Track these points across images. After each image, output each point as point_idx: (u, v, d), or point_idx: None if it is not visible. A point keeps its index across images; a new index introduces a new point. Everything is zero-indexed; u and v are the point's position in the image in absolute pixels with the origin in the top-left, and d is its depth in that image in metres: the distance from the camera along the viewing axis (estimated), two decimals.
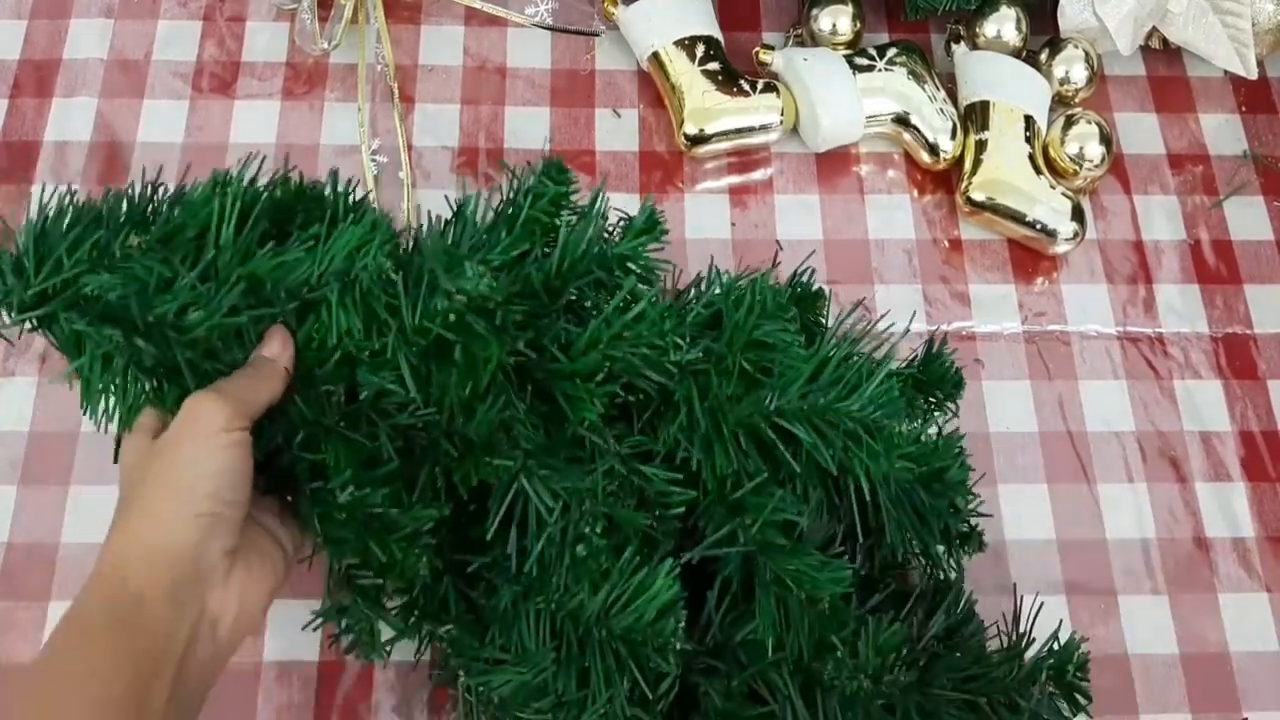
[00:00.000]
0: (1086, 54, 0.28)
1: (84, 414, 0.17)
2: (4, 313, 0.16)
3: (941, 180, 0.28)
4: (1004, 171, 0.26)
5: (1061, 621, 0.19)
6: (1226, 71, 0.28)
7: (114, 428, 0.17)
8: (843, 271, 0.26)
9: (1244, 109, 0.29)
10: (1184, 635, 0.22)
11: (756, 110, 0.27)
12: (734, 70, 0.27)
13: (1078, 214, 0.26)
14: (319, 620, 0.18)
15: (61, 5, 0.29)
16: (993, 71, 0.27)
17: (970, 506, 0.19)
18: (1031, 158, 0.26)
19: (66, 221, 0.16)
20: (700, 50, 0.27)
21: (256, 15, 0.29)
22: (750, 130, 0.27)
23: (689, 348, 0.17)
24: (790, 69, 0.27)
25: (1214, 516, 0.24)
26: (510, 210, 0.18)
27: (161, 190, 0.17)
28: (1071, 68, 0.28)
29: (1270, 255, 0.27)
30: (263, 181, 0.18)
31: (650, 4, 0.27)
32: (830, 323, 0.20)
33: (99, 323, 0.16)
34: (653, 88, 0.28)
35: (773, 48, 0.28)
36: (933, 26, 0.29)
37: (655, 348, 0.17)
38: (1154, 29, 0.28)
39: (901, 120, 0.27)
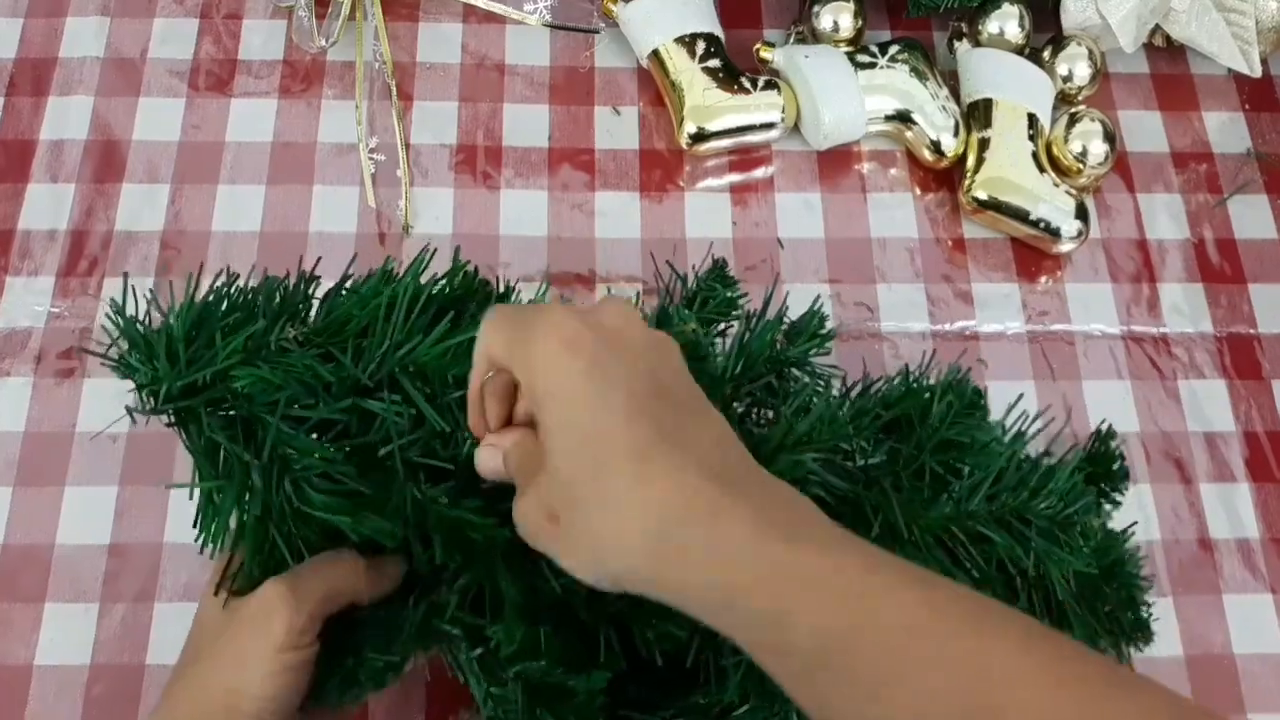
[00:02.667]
0: (1090, 52, 0.28)
1: (199, 539, 0.15)
2: (145, 399, 0.15)
3: (944, 178, 0.28)
4: (1007, 170, 0.26)
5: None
6: (1230, 69, 0.28)
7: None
8: (844, 271, 0.26)
9: (1248, 107, 0.29)
10: (1188, 637, 0.22)
11: (757, 108, 0.27)
12: (735, 68, 0.27)
13: (1081, 213, 0.26)
14: None
15: (57, 3, 0.29)
16: (995, 69, 0.27)
17: (1145, 599, 0.19)
18: (1035, 156, 0.26)
19: (224, 306, 0.15)
20: (701, 47, 0.27)
21: (253, 13, 0.29)
22: (751, 128, 0.27)
23: (874, 450, 0.17)
24: (791, 66, 0.27)
25: (1218, 518, 0.24)
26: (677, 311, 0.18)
27: (315, 282, 0.16)
28: (1074, 65, 0.28)
29: (1275, 254, 0.27)
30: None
31: (650, 2, 0.27)
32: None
33: (240, 438, 0.14)
34: (653, 85, 0.28)
35: (774, 45, 0.28)
36: (935, 24, 0.30)
37: (839, 450, 0.16)
38: (1157, 27, 0.28)
39: (903, 118, 0.27)
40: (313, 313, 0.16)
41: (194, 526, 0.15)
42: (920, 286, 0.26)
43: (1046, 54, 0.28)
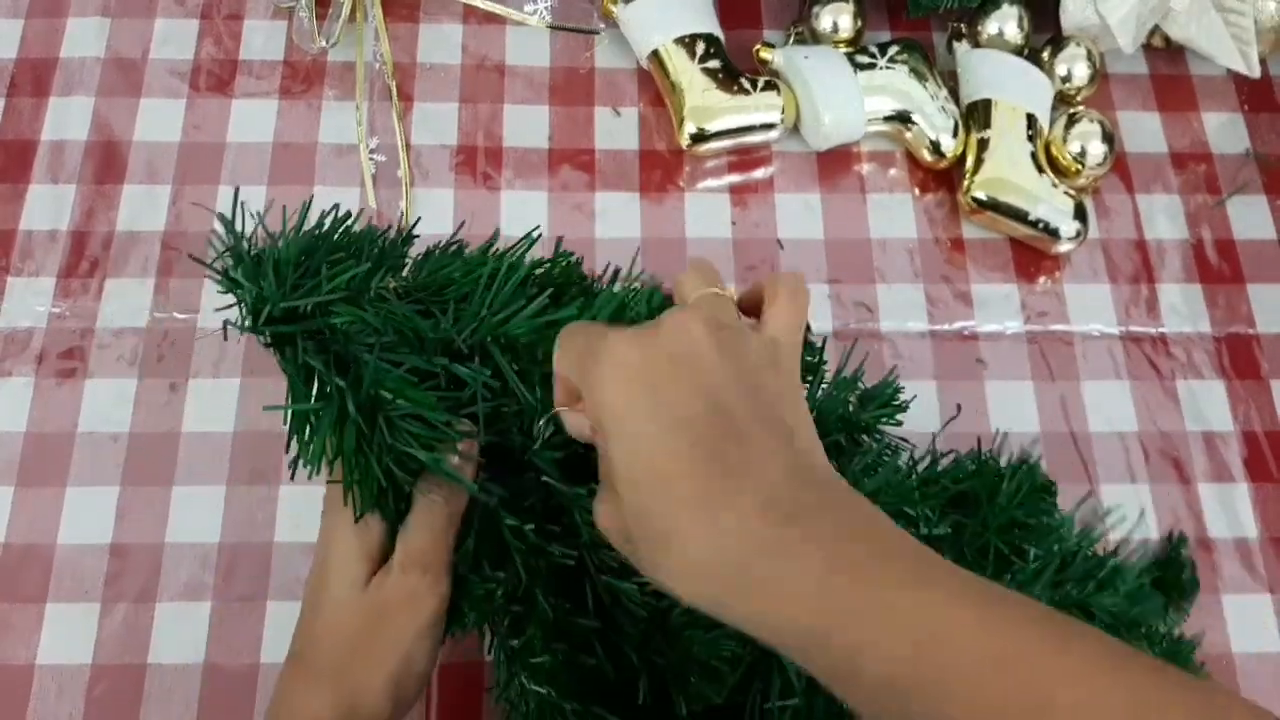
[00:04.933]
0: (1089, 52, 0.28)
1: (295, 463, 0.15)
2: (246, 315, 0.15)
3: (943, 179, 0.28)
4: (1006, 170, 0.27)
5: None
6: (1229, 70, 0.29)
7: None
8: (844, 271, 0.27)
9: (1246, 108, 0.29)
10: (1188, 636, 0.22)
11: (757, 109, 0.27)
12: (735, 68, 0.28)
13: (1080, 213, 0.26)
14: None
15: (58, 4, 0.29)
16: (995, 70, 0.28)
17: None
18: (1034, 156, 0.27)
19: (336, 240, 0.15)
20: (701, 48, 0.28)
21: (254, 13, 0.29)
22: (751, 129, 0.28)
23: (939, 522, 0.17)
24: (791, 67, 0.28)
25: (1217, 517, 0.24)
26: None
27: (414, 237, 0.16)
28: (1074, 66, 0.28)
29: (1273, 255, 0.27)
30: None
31: (650, 3, 0.28)
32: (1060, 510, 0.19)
33: (334, 364, 0.14)
34: (653, 86, 0.29)
35: (773, 46, 0.29)
36: (934, 24, 0.30)
37: (903, 516, 0.16)
38: (1156, 27, 0.29)
39: (903, 119, 0.28)
40: (406, 270, 0.16)
41: (286, 452, 0.15)
42: (920, 286, 0.27)
43: (1046, 54, 0.29)
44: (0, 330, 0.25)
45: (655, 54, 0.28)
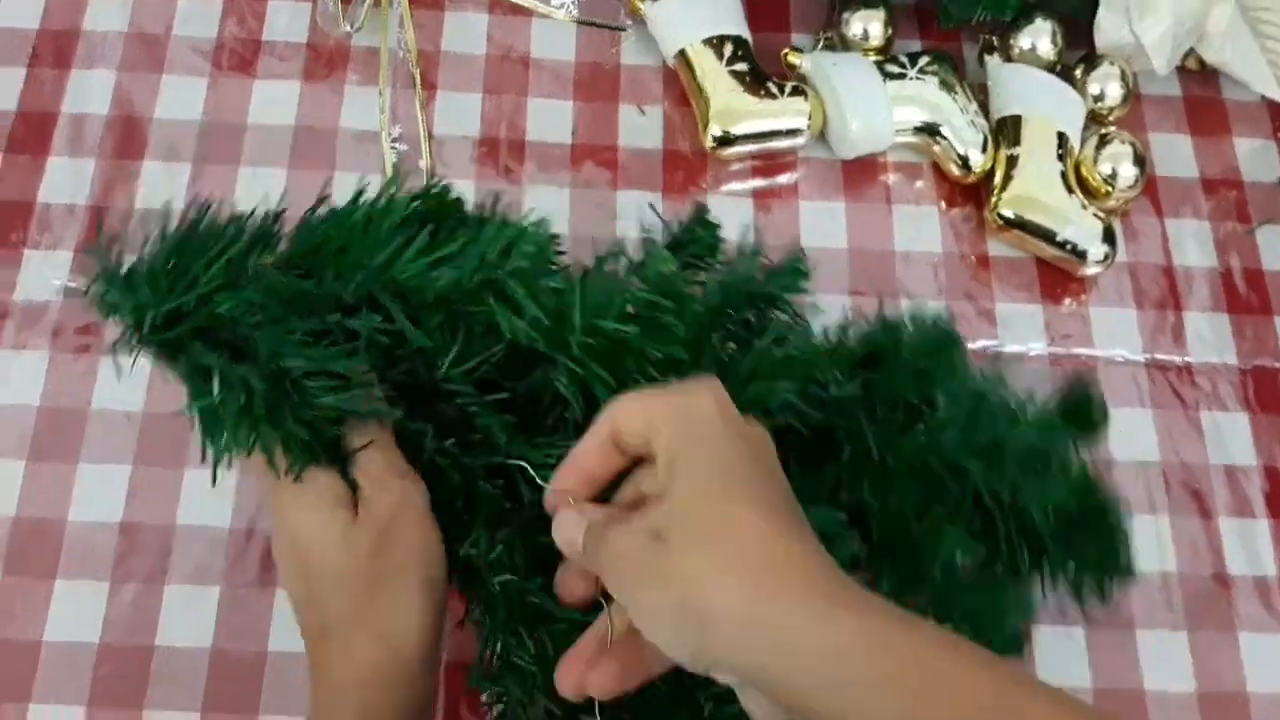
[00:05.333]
0: (1122, 72, 0.28)
1: (206, 458, 0.15)
2: (129, 333, 0.15)
3: (970, 194, 0.28)
4: (1035, 188, 0.27)
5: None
6: (1263, 96, 0.29)
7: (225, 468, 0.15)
8: (866, 282, 0.27)
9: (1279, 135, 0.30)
10: (1201, 672, 0.22)
11: (783, 113, 0.27)
12: (762, 72, 0.28)
13: (1109, 236, 0.26)
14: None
15: None
16: (1026, 85, 0.28)
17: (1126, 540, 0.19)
18: (1064, 176, 0.27)
19: (201, 234, 0.15)
20: (728, 50, 0.28)
21: None
22: (776, 134, 0.28)
23: (847, 382, 0.17)
24: (819, 73, 0.28)
25: (1236, 553, 0.24)
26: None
27: (282, 216, 0.16)
28: (1107, 85, 0.28)
29: None
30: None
31: (679, 1, 0.28)
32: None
33: (226, 355, 0.15)
34: (678, 86, 0.29)
35: (802, 51, 0.29)
36: (965, 36, 0.30)
37: (813, 381, 0.17)
38: (1191, 50, 0.29)
39: (931, 130, 0.28)
40: (283, 245, 0.16)
41: (202, 460, 0.15)
42: (943, 302, 0.27)
43: (1078, 72, 0.29)
44: (16, 303, 0.25)
45: (682, 53, 0.28)
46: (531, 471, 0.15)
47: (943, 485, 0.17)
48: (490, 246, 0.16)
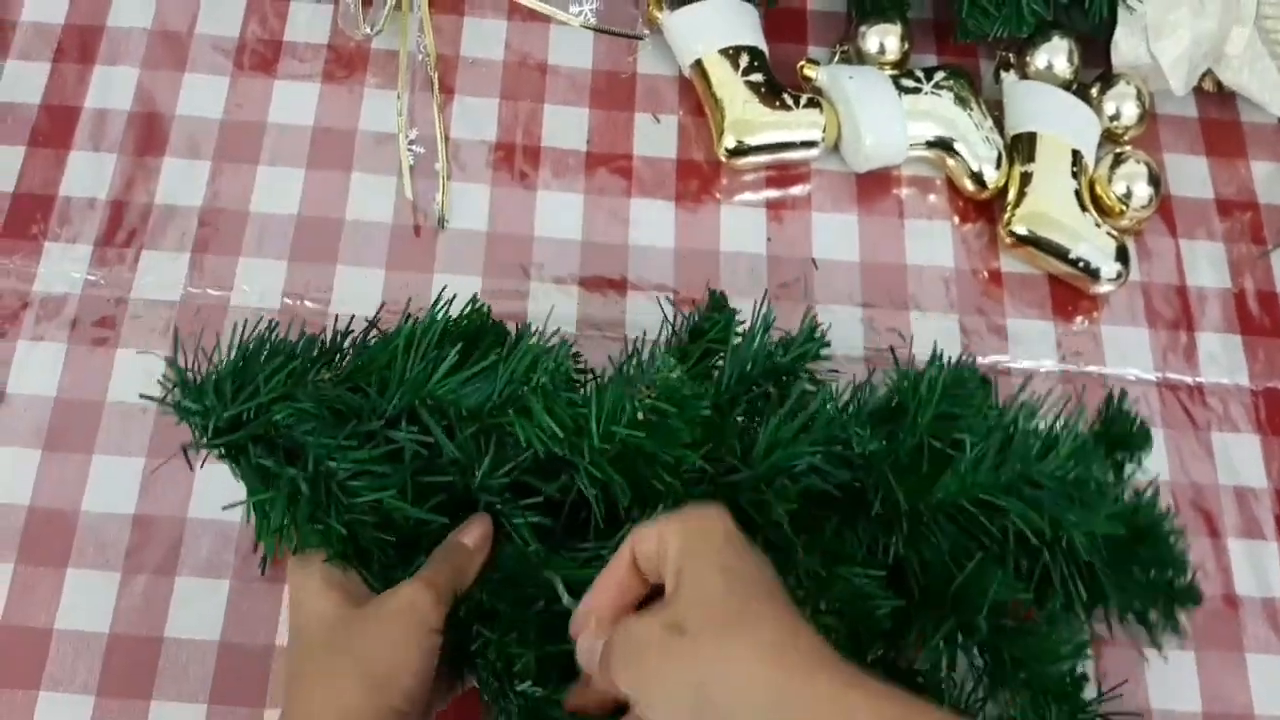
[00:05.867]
0: (1138, 91, 0.29)
1: (264, 562, 0.18)
2: (198, 434, 0.17)
3: (983, 209, 0.29)
4: (1049, 206, 0.27)
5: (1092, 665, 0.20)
6: None
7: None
8: (878, 296, 0.27)
9: None
10: (1208, 693, 0.23)
11: (798, 125, 0.28)
12: (777, 83, 0.28)
13: (1122, 254, 0.27)
14: None
15: None
16: (1042, 103, 0.28)
17: (1183, 560, 0.19)
18: (1078, 194, 0.27)
19: (266, 352, 0.18)
20: (744, 61, 0.28)
21: None
22: (791, 145, 0.28)
23: (870, 437, 0.18)
24: (835, 86, 0.28)
25: (1245, 575, 0.24)
26: (680, 347, 0.20)
27: (352, 336, 0.19)
28: (1122, 104, 0.28)
29: None
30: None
31: (696, 11, 0.29)
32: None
33: (284, 460, 0.17)
34: (694, 95, 0.29)
35: (818, 63, 0.29)
36: (982, 52, 0.31)
37: (836, 441, 0.17)
38: (1208, 71, 0.29)
39: (945, 146, 0.28)
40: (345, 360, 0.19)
41: (254, 551, 0.18)
42: (954, 317, 0.27)
43: (1094, 91, 0.29)
44: (35, 294, 0.26)
45: (698, 63, 0.29)
46: (560, 587, 0.17)
47: (979, 527, 0.17)
48: (517, 364, 0.18)
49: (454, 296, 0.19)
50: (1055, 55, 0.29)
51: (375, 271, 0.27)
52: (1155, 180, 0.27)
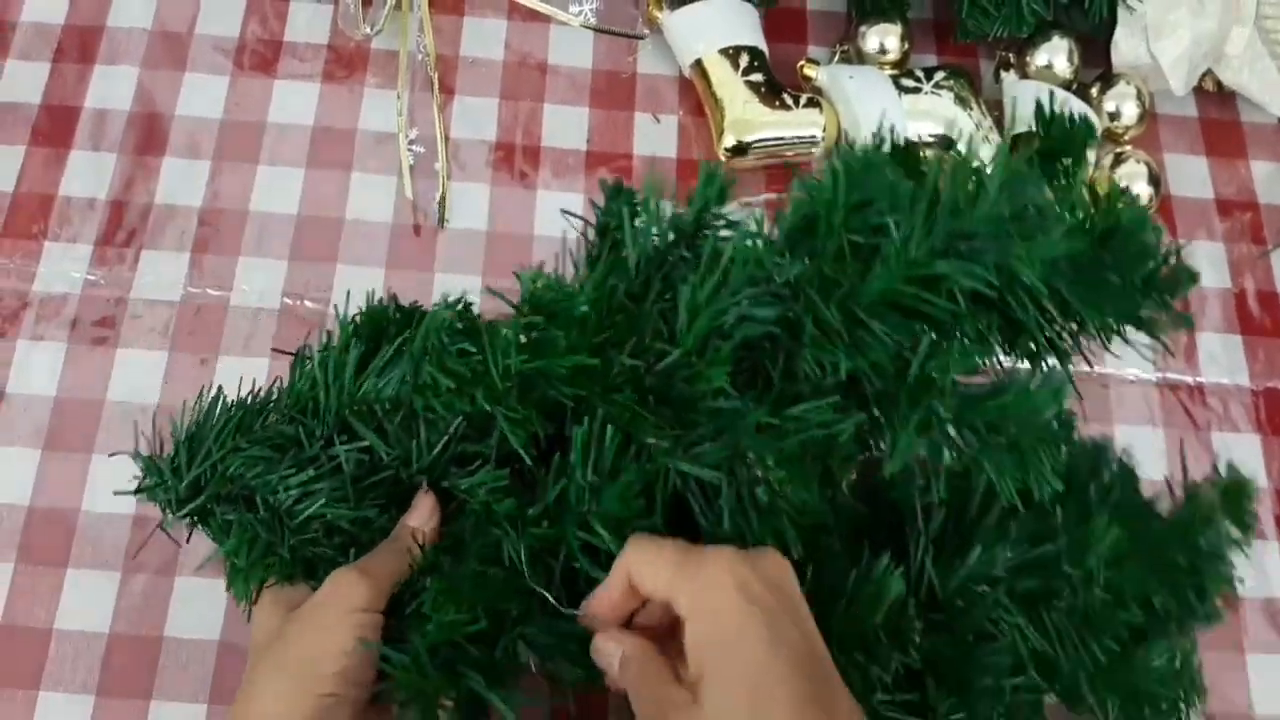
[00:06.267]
0: (1138, 91, 0.29)
1: (233, 599, 0.18)
2: (167, 512, 0.18)
3: None
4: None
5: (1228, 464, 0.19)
6: None
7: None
8: None
9: None
10: (1209, 693, 0.23)
11: (798, 124, 0.28)
12: (777, 83, 0.29)
13: (1153, 178, 0.27)
14: None
15: None
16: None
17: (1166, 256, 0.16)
18: None
19: (217, 414, 0.18)
20: (744, 60, 0.28)
21: None
22: (791, 145, 0.28)
23: (791, 263, 0.16)
24: (835, 85, 0.29)
25: (1245, 575, 0.24)
26: (595, 254, 0.19)
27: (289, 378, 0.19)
28: (1122, 104, 0.28)
29: None
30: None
31: (696, 11, 0.29)
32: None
33: (242, 507, 0.18)
34: (694, 95, 0.30)
35: (818, 63, 0.29)
36: (982, 52, 0.31)
37: (757, 281, 0.16)
38: (1208, 71, 0.29)
39: (946, 145, 0.28)
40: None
41: (227, 590, 0.18)
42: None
43: (1094, 91, 0.29)
44: (35, 294, 0.26)
45: (698, 63, 0.29)
46: (554, 601, 0.16)
47: (925, 306, 0.15)
48: (419, 339, 0.18)
49: (355, 294, 0.19)
50: (1055, 55, 0.29)
51: (375, 271, 0.27)
52: (1155, 180, 0.28)
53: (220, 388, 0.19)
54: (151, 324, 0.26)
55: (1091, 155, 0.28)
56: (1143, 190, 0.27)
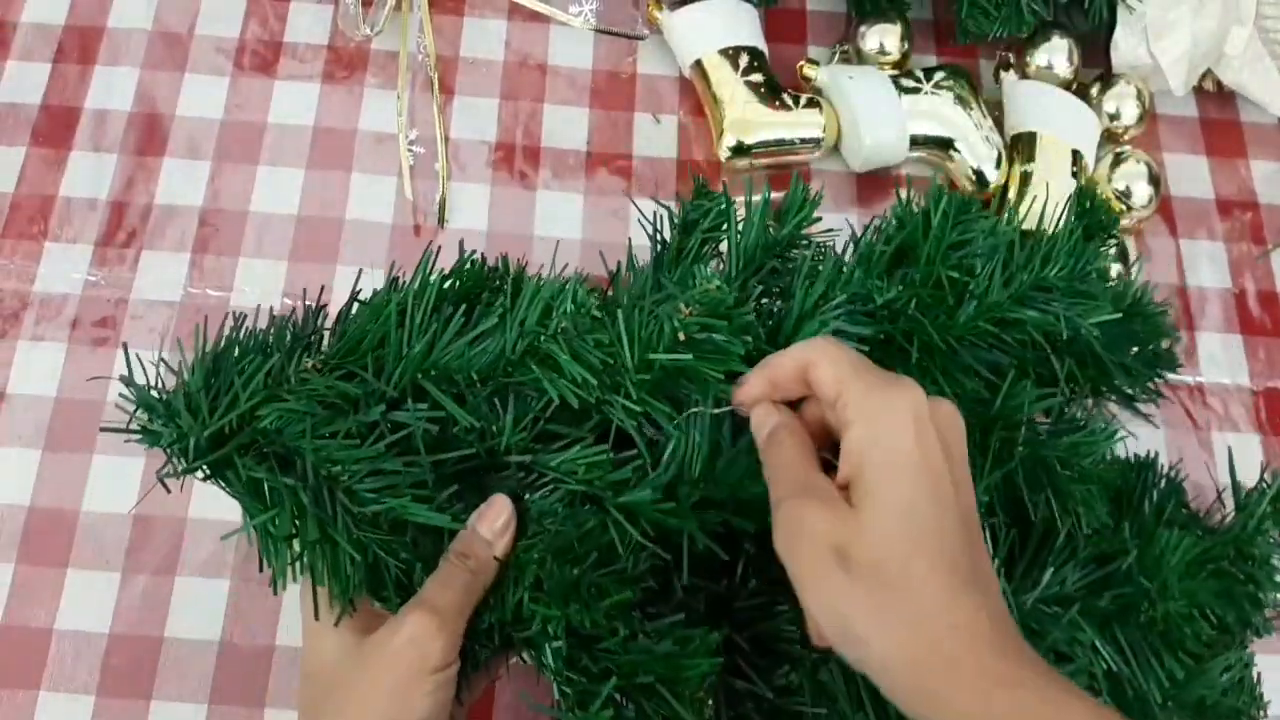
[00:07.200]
0: (1138, 91, 0.29)
1: (271, 574, 0.15)
2: (176, 460, 0.15)
3: (983, 209, 0.29)
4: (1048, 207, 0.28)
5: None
6: None
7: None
8: None
9: None
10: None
11: (798, 125, 0.28)
12: (777, 83, 0.29)
13: (1122, 254, 0.27)
14: None
15: None
16: (1041, 103, 0.28)
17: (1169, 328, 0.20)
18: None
19: (236, 352, 0.16)
20: (744, 61, 0.29)
21: None
22: (791, 145, 0.28)
23: (888, 285, 0.18)
24: (835, 86, 0.29)
25: None
26: (678, 247, 0.19)
27: (324, 311, 0.17)
28: (1122, 104, 0.29)
29: None
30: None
31: (696, 12, 0.29)
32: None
33: (280, 468, 0.15)
34: (694, 95, 0.30)
35: (818, 63, 0.29)
36: (982, 52, 0.31)
37: (856, 299, 0.17)
38: (1208, 71, 0.29)
39: (945, 145, 0.28)
40: (325, 343, 0.17)
41: (260, 570, 0.15)
42: None
43: (1094, 91, 0.29)
44: (36, 294, 0.26)
45: (698, 64, 0.29)
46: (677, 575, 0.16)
47: (1001, 344, 0.17)
48: (529, 313, 0.16)
49: (439, 250, 0.17)
50: (1055, 55, 0.29)
51: (376, 272, 0.27)
52: (1155, 180, 0.28)
53: (244, 316, 0.16)
54: (152, 324, 0.26)
55: (1091, 156, 0.28)
56: (1143, 190, 0.28)
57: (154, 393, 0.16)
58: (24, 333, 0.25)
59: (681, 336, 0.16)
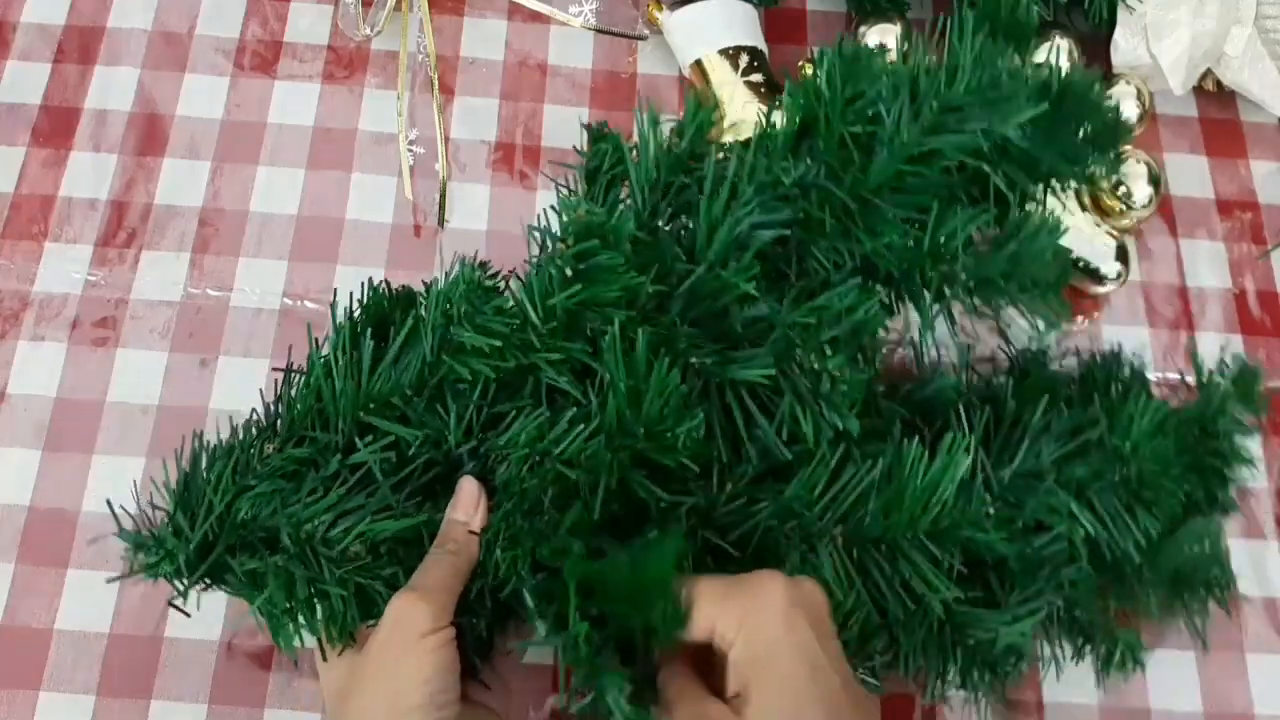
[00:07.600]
0: (1138, 91, 0.29)
1: (280, 648, 0.17)
2: (178, 582, 0.16)
3: None
4: (1048, 205, 0.28)
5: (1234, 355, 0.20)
6: None
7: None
8: None
9: None
10: (1208, 693, 0.23)
11: None
12: (777, 83, 0.29)
13: (1122, 254, 0.27)
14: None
15: None
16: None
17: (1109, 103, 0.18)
18: (1077, 193, 0.28)
19: (204, 463, 0.17)
20: (744, 61, 0.29)
21: None
22: None
23: (794, 164, 0.17)
24: None
25: (1246, 575, 0.24)
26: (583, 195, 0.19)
27: (281, 399, 0.18)
28: (1122, 104, 0.29)
29: None
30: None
31: (695, 12, 0.29)
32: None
33: (268, 550, 0.16)
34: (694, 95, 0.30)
35: None
36: None
37: (765, 187, 0.16)
38: (1208, 71, 0.29)
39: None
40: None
41: (277, 646, 0.17)
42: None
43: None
44: (36, 294, 0.26)
45: (698, 64, 0.29)
46: (619, 699, 0.15)
47: (924, 184, 0.16)
48: (434, 314, 0.17)
49: (351, 292, 0.18)
50: (1054, 55, 0.29)
51: (375, 271, 0.27)
52: (1155, 180, 0.28)
53: (201, 433, 0.18)
54: (152, 325, 0.26)
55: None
56: (1143, 190, 0.28)
57: (142, 533, 0.17)
58: (24, 333, 0.26)
59: (568, 271, 0.16)
